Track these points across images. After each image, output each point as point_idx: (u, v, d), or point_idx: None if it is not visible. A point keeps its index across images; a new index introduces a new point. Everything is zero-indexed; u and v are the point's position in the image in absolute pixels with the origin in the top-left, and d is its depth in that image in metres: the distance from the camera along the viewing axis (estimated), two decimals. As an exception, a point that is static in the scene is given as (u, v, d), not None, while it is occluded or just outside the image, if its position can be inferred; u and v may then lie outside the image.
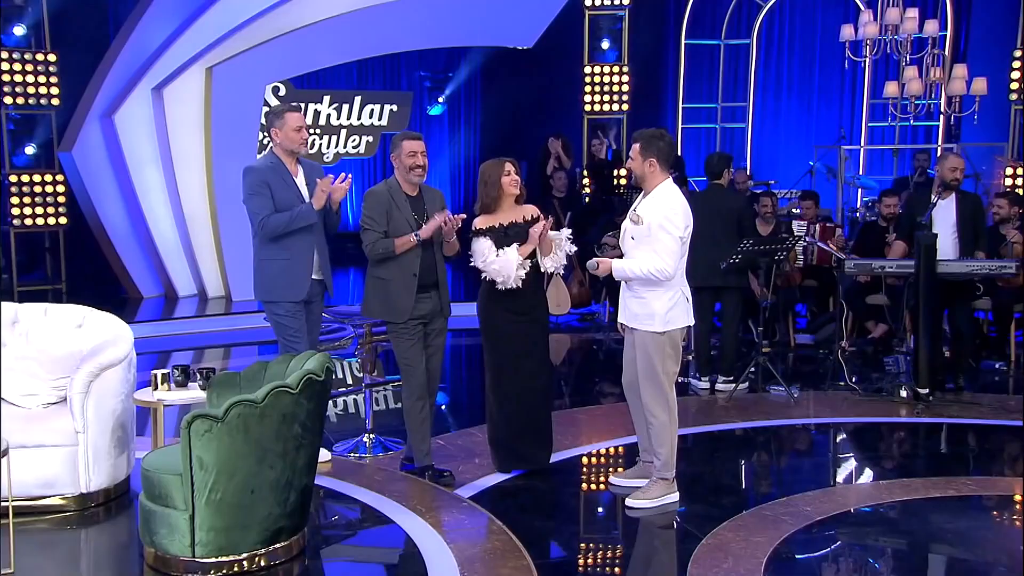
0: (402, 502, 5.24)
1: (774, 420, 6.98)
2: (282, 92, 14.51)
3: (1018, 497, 5.52)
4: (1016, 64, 12.22)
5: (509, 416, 5.66)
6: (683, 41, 13.64)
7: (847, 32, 11.01)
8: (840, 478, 5.94)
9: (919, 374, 7.24)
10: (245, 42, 11.18)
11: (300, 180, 5.62)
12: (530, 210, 5.66)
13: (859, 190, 12.55)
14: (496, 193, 5.54)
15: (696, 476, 5.77)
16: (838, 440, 6.74)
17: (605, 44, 13.02)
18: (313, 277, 5.59)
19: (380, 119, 14.84)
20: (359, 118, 14.86)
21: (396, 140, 5.55)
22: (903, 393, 7.35)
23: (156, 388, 5.11)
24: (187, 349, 9.64)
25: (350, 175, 5.66)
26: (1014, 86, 12.19)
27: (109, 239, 11.20)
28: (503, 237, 5.52)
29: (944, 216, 7.31)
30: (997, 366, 8.43)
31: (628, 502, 5.30)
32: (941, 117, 12.54)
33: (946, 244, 7.25)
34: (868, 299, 9.01)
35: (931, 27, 10.88)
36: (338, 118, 14.29)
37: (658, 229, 5.04)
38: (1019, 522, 5.25)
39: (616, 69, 12.93)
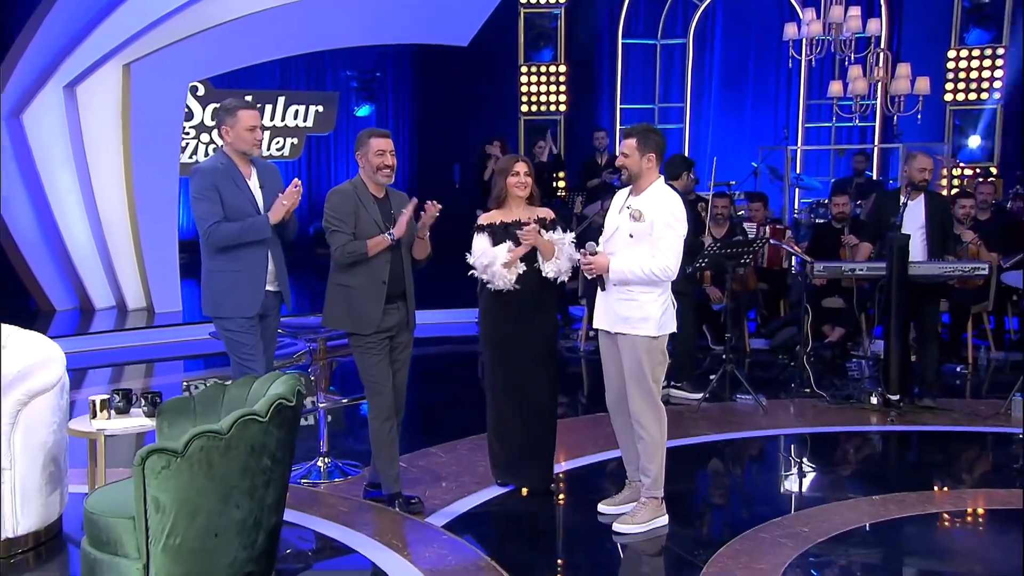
0: (374, 536, 4.77)
1: (747, 431, 6.68)
2: (200, 92, 13.88)
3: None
4: (951, 65, 12.29)
5: (509, 433, 5.30)
6: (620, 41, 13.37)
7: (790, 31, 10.89)
8: (829, 494, 5.64)
9: (890, 380, 7.03)
10: (165, 38, 10.50)
11: (254, 183, 5.10)
12: (542, 212, 5.29)
13: (796, 191, 12.43)
14: (501, 189, 5.20)
15: (678, 495, 5.37)
16: (817, 452, 6.47)
17: (541, 43, 12.68)
18: (268, 288, 5.07)
19: (305, 120, 14.32)
20: (283, 119, 14.33)
21: (362, 137, 5.08)
22: (873, 400, 7.13)
23: (95, 416, 4.53)
24: (105, 366, 8.92)
25: (299, 180, 5.18)
26: (948, 86, 12.25)
27: (17, 247, 10.39)
28: (502, 235, 5.16)
29: (913, 218, 7.11)
30: (958, 369, 8.30)
31: (616, 527, 4.92)
32: (878, 117, 12.52)
33: (915, 246, 7.05)
34: (824, 302, 8.83)
35: (873, 26, 10.84)
36: (260, 119, 13.70)
37: (664, 227, 4.76)
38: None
39: (553, 69, 12.60)
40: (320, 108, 14.17)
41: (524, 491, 5.41)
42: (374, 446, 5.13)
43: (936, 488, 5.62)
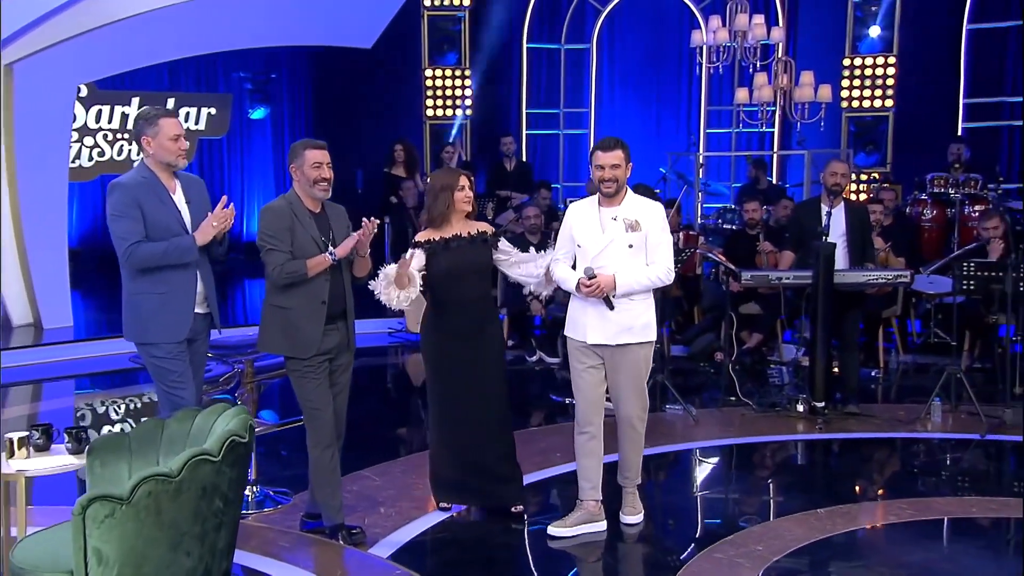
0: (317, 572, 4.50)
1: (681, 443, 6.62)
2: (83, 93, 13.15)
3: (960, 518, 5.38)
4: (846, 72, 12.57)
5: (454, 450, 5.12)
6: (524, 45, 13.25)
7: (697, 38, 10.95)
8: (775, 507, 5.61)
9: (815, 387, 7.08)
10: (50, 37, 9.87)
11: (179, 197, 4.74)
12: (482, 226, 5.14)
13: (698, 195, 12.51)
14: (446, 207, 4.98)
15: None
16: (755, 463, 6.47)
17: (445, 47, 12.46)
18: (197, 311, 4.73)
19: (197, 123, 13.74)
20: (174, 122, 13.61)
21: (297, 149, 4.80)
22: (799, 407, 7.17)
23: (12, 455, 4.12)
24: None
25: (229, 199, 4.80)
26: (844, 93, 12.52)
27: None
28: (443, 251, 4.97)
29: (834, 225, 7.16)
30: (873, 373, 8.44)
31: (623, 518, 5.15)
32: (776, 123, 12.72)
33: (837, 254, 7.11)
34: (741, 308, 8.88)
35: (777, 34, 10.98)
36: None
37: (660, 232, 4.91)
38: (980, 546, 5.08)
39: (458, 73, 12.40)
40: (213, 110, 13.62)
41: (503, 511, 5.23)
42: (314, 475, 4.85)
43: (879, 499, 5.65)
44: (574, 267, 4.98)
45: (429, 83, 12.41)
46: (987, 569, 4.70)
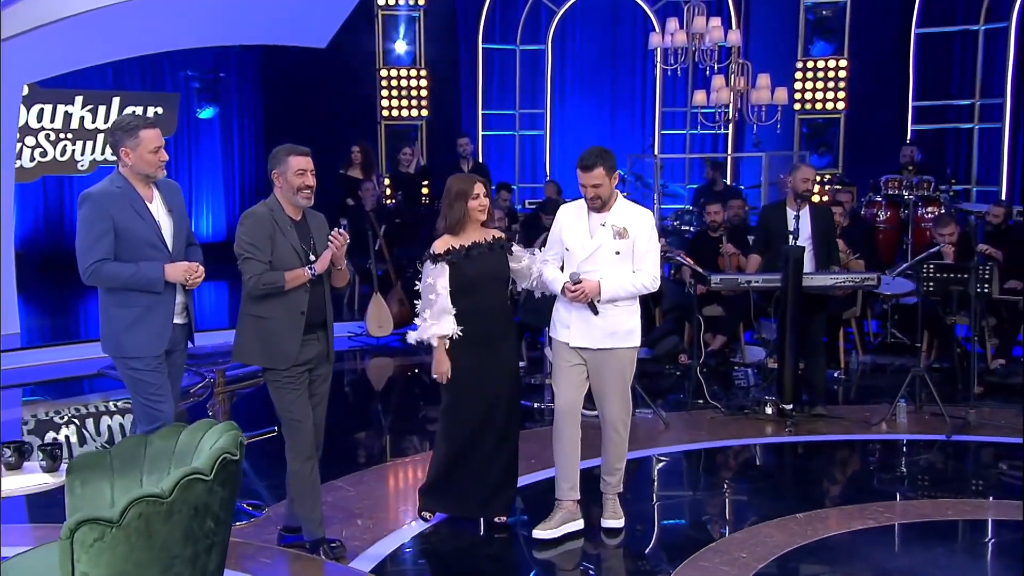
0: (304, 590, 4.39)
1: (654, 448, 6.61)
2: (24, 92, 12.74)
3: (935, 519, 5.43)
4: (798, 75, 12.71)
5: (464, 460, 5.03)
6: (480, 46, 13.16)
7: (655, 40, 10.97)
8: (753, 512, 5.59)
9: (784, 390, 7.11)
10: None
11: (156, 207, 4.56)
12: (496, 233, 5.09)
13: (657, 198, 12.54)
14: (461, 214, 4.91)
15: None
16: (728, 467, 6.47)
17: (400, 47, 12.32)
18: (176, 321, 4.58)
19: (144, 123, 13.34)
20: (120, 122, 13.28)
21: (279, 155, 4.65)
22: (768, 410, 7.20)
23: (-15, 475, 3.94)
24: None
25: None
26: (797, 95, 12.65)
27: None
28: (464, 260, 4.90)
29: (801, 229, 7.21)
30: (836, 375, 8.51)
31: (604, 523, 5.14)
32: (730, 126, 12.81)
33: (804, 257, 7.15)
34: (704, 310, 8.88)
35: (734, 36, 11.04)
36: (93, 121, 12.78)
37: (647, 240, 4.92)
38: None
39: (413, 73, 12.27)
40: (159, 110, 13.26)
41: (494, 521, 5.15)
42: (294, 488, 4.72)
43: (855, 503, 5.62)
44: (563, 269, 4.98)
45: (384, 83, 12.27)
46: (972, 572, 4.74)
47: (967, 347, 8.27)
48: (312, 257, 4.65)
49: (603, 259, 4.86)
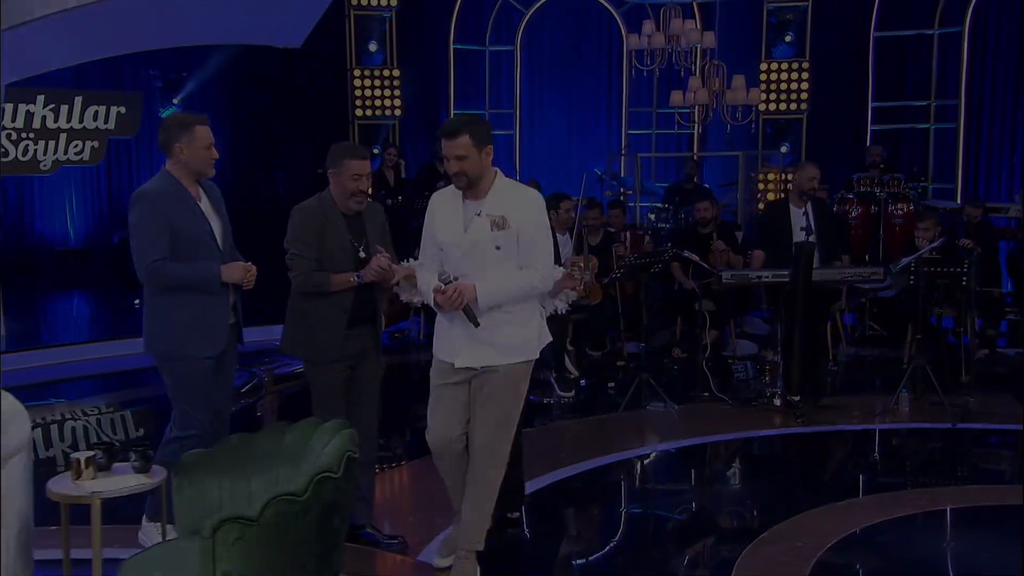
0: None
1: (674, 441, 6.74)
2: (-18, 92, 12.37)
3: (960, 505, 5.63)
4: (762, 76, 12.99)
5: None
6: (451, 46, 13.17)
7: (633, 41, 11.13)
8: (791, 502, 5.66)
9: (791, 382, 7.29)
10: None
11: (206, 207, 4.53)
12: None
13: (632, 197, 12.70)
14: None
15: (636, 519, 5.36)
16: (755, 458, 6.66)
17: (372, 46, 12.27)
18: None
19: (107, 122, 13.04)
20: (81, 121, 13.01)
21: (337, 155, 4.52)
22: (776, 402, 7.38)
23: (78, 476, 3.85)
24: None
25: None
26: (762, 96, 12.92)
27: None
28: None
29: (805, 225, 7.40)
30: (830, 367, 8.73)
31: None
32: (698, 126, 13.03)
33: (812, 252, 7.34)
34: (697, 306, 9.04)
35: (709, 38, 11.26)
36: (56, 121, 12.41)
37: (534, 229, 4.08)
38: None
39: (386, 73, 12.22)
40: (122, 109, 12.96)
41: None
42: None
43: (890, 490, 5.82)
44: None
45: (357, 83, 12.20)
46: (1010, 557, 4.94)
47: (950, 339, 8.61)
48: (362, 253, 4.55)
49: (479, 257, 4.04)
